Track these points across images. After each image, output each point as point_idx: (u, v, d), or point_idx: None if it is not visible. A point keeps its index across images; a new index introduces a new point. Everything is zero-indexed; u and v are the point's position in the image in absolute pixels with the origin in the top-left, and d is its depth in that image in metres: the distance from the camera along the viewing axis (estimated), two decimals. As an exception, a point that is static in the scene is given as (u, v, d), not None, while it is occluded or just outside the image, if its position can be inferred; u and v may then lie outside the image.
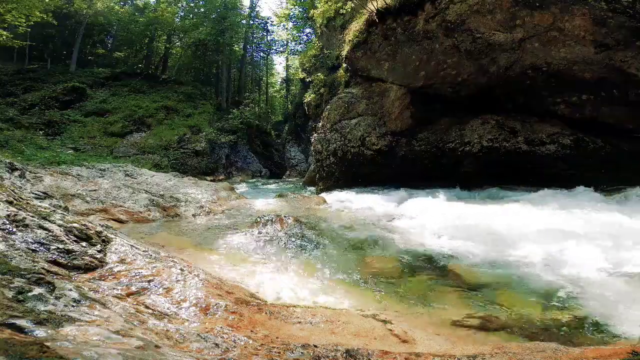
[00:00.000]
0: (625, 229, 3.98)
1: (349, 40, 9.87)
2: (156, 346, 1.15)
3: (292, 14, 27.86)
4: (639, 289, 2.74)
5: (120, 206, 5.55)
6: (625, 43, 5.92)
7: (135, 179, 7.48)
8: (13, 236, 1.72)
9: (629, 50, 5.97)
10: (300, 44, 30.04)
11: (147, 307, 1.65)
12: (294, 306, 2.28)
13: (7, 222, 1.79)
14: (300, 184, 15.74)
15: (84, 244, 2.01)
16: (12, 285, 1.22)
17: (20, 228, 1.80)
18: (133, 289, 1.79)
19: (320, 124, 11.33)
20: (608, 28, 5.89)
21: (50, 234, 1.89)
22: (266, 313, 2.00)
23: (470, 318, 2.46)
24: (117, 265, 1.98)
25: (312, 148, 12.09)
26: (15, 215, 1.87)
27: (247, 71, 35.15)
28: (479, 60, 7.53)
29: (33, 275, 1.35)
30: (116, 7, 26.50)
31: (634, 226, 4.09)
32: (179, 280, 2.00)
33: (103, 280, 1.80)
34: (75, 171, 6.85)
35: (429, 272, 3.40)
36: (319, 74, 16.63)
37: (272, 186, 15.36)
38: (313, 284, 3.08)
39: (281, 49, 34.24)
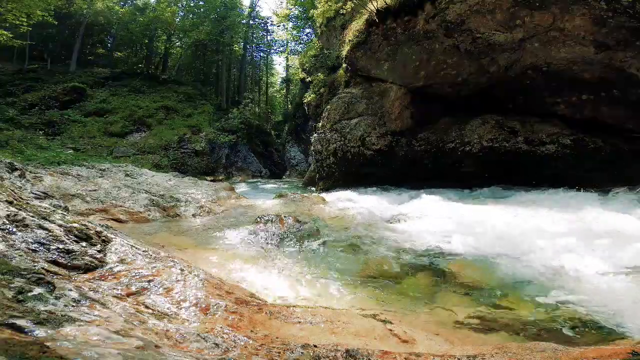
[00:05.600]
0: (626, 229, 3.98)
1: (349, 40, 9.87)
2: (156, 346, 1.15)
3: (292, 14, 27.84)
4: (638, 288, 2.74)
5: (120, 206, 5.55)
6: (625, 43, 5.92)
7: (135, 179, 7.47)
8: (13, 236, 1.72)
9: (629, 50, 5.97)
10: (300, 44, 30.04)
11: (147, 307, 1.65)
12: (294, 306, 2.28)
13: (7, 222, 1.79)
14: (300, 184, 15.74)
15: (84, 244, 2.01)
16: (12, 285, 1.22)
17: (20, 228, 1.80)
18: (133, 289, 1.79)
19: (320, 124, 11.33)
20: (608, 28, 5.89)
21: (50, 234, 1.89)
22: (266, 313, 2.00)
23: (470, 318, 2.46)
24: (117, 265, 1.98)
25: (312, 148, 12.10)
26: (15, 215, 1.87)
27: (247, 71, 35.16)
28: (479, 60, 7.53)
29: (33, 275, 1.35)
30: (116, 7, 26.49)
31: (634, 226, 4.09)
32: (179, 280, 2.00)
33: (103, 280, 1.80)
34: (75, 171, 6.84)
35: (429, 272, 3.40)
36: (319, 74, 16.61)
37: (272, 186, 15.36)
38: (313, 283, 3.07)
39: (281, 49, 34.29)
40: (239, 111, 23.11)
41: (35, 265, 1.53)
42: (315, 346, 1.51)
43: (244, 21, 30.82)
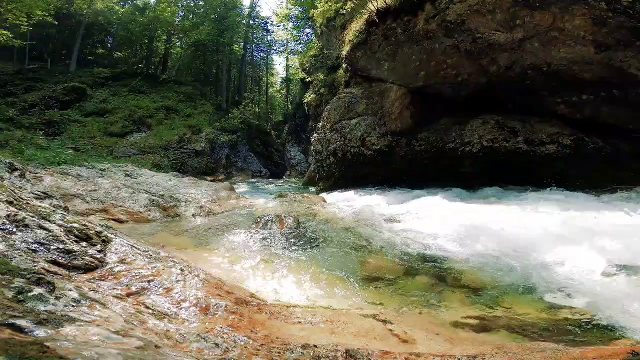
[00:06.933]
0: (625, 229, 3.98)
1: (349, 40, 9.86)
2: (156, 346, 1.15)
3: (292, 14, 27.86)
4: (638, 288, 2.74)
5: (120, 206, 5.55)
6: (625, 43, 5.92)
7: (135, 179, 7.47)
8: (13, 236, 1.72)
9: (629, 50, 5.96)
10: (300, 44, 30.05)
11: (147, 307, 1.65)
12: (294, 306, 2.28)
13: (7, 222, 1.79)
14: (300, 184, 15.74)
15: (83, 244, 2.01)
16: (12, 285, 1.22)
17: (20, 228, 1.80)
18: (133, 289, 1.79)
19: (320, 124, 11.33)
20: (608, 28, 5.88)
21: (50, 234, 1.89)
22: (266, 313, 2.00)
23: (470, 318, 2.46)
24: (117, 265, 1.98)
25: (312, 148, 12.09)
26: (15, 215, 1.87)
27: (247, 71, 35.14)
28: (479, 60, 7.53)
29: (33, 275, 1.35)
30: (116, 7, 26.50)
31: (634, 226, 4.09)
32: (179, 280, 2.00)
33: (103, 280, 1.80)
34: (75, 171, 6.84)
35: (429, 272, 3.40)
36: (319, 74, 16.63)
37: (272, 186, 15.35)
38: (313, 283, 3.07)
39: (281, 49, 34.24)
40: (239, 111, 23.10)
41: (35, 265, 1.53)
42: (315, 346, 1.51)
43: (244, 21, 30.80)
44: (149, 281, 1.90)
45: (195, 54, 29.02)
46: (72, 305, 1.30)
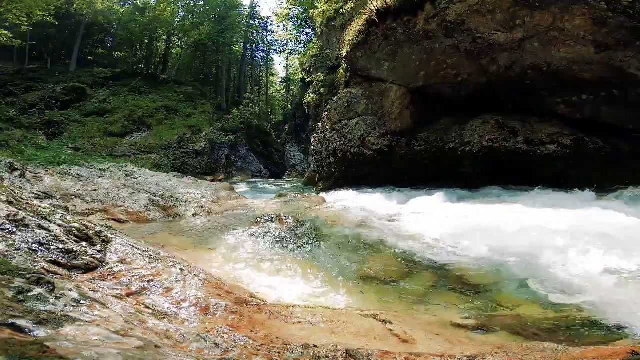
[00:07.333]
0: (625, 229, 3.98)
1: (349, 40, 9.86)
2: (156, 346, 1.15)
3: (292, 14, 27.90)
4: (638, 289, 2.74)
5: (120, 206, 5.55)
6: (625, 43, 5.92)
7: (135, 179, 7.47)
8: (13, 236, 1.72)
9: (629, 50, 5.96)
10: (300, 44, 30.10)
11: (147, 307, 1.65)
12: (294, 306, 2.28)
13: (7, 222, 1.79)
14: (300, 184, 15.74)
15: (84, 244, 2.01)
16: (12, 285, 1.22)
17: (20, 228, 1.80)
18: (133, 289, 1.79)
19: (320, 124, 11.33)
20: (608, 28, 5.88)
21: (50, 234, 1.89)
22: (266, 313, 2.00)
23: (470, 318, 2.46)
24: (117, 265, 1.98)
25: (312, 148, 12.10)
26: (15, 215, 1.87)
27: (247, 71, 35.17)
28: (479, 60, 7.53)
29: (33, 275, 1.35)
30: (116, 7, 26.53)
31: (633, 226, 4.09)
32: (179, 280, 2.00)
33: (103, 280, 1.80)
34: (75, 171, 6.84)
35: (429, 272, 3.40)
36: (319, 74, 16.64)
37: (272, 186, 15.36)
38: (313, 283, 3.08)
39: (281, 49, 34.29)
40: (239, 111, 23.12)
41: (35, 265, 1.53)
42: (315, 346, 1.51)
43: (244, 21, 30.82)
44: (149, 281, 1.90)
45: (195, 54, 29.05)
46: (72, 305, 1.30)
